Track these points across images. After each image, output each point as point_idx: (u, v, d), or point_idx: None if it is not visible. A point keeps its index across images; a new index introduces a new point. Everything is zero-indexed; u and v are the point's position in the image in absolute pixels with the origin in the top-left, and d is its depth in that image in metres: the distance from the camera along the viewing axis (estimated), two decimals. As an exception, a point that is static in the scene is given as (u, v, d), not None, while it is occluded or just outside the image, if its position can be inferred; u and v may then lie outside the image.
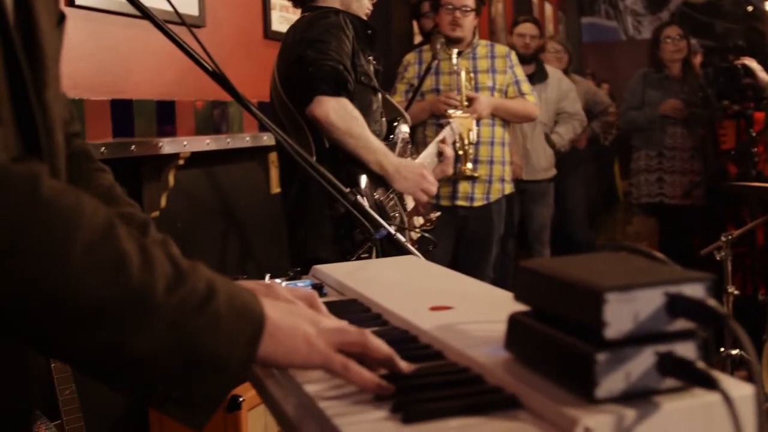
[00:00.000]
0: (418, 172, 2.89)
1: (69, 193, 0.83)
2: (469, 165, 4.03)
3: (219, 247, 3.82)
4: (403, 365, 1.03)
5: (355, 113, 2.79)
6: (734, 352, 3.78)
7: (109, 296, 0.82)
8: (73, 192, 0.84)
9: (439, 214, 3.21)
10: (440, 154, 3.27)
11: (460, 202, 4.16)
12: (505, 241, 5.81)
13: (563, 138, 6.00)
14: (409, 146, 3.17)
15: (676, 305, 0.88)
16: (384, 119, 3.08)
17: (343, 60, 2.75)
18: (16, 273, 0.79)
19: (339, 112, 2.73)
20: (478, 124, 4.09)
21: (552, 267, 0.98)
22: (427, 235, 1.92)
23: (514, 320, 1.03)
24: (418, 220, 3.12)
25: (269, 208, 3.93)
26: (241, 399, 2.85)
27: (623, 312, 0.86)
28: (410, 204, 3.10)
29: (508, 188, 4.37)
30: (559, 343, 0.92)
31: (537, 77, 5.82)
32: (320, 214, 2.79)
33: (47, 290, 0.80)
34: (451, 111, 3.85)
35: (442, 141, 3.28)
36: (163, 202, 3.21)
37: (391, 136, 3.08)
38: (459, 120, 3.74)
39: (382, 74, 3.21)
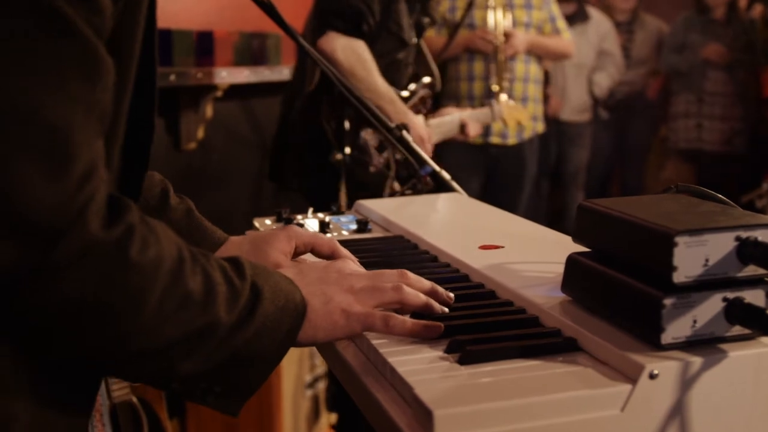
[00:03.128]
0: (417, 133, 2.81)
1: (152, 241, 0.82)
2: (503, 98, 3.88)
3: (254, 181, 3.81)
4: (438, 308, 1.02)
5: (365, 56, 2.75)
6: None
7: (175, 338, 0.83)
8: (155, 235, 0.83)
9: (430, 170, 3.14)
10: (463, 128, 3.23)
11: (493, 140, 4.08)
12: (539, 182, 5.76)
13: (602, 87, 5.91)
14: (427, 104, 3.09)
15: (747, 251, 0.85)
16: (409, 72, 3.03)
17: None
18: (96, 333, 0.80)
19: (346, 51, 2.72)
20: (512, 60, 4.01)
21: (616, 207, 0.95)
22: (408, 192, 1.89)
23: (572, 261, 1.00)
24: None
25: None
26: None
27: (693, 256, 0.84)
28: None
29: (540, 127, 4.27)
30: (623, 286, 0.90)
31: (578, 17, 5.69)
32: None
33: (120, 342, 0.82)
34: (503, 98, 3.74)
35: (465, 124, 3.25)
36: (201, 133, 3.19)
37: (409, 89, 3.00)
38: (509, 109, 3.60)
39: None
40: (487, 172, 4.17)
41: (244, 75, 3.32)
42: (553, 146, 5.77)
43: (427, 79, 3.07)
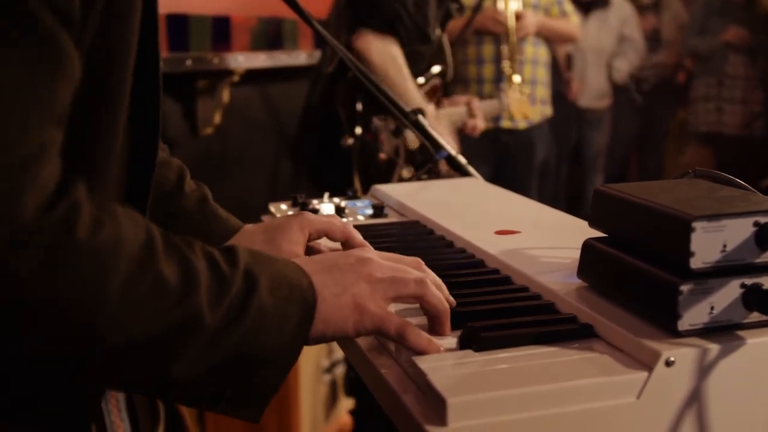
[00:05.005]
0: (438, 131, 2.84)
1: (107, 222, 0.75)
2: (517, 78, 3.89)
3: (272, 166, 3.81)
4: (449, 329, 0.94)
5: (399, 60, 2.75)
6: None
7: (151, 331, 0.76)
8: (111, 216, 0.76)
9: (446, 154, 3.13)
10: (470, 114, 3.21)
11: (504, 124, 4.04)
12: (559, 166, 5.73)
13: (621, 72, 5.87)
14: (438, 93, 3.09)
15: (765, 236, 0.83)
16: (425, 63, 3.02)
17: None
18: (54, 326, 0.73)
19: (381, 54, 2.71)
20: (522, 42, 3.98)
21: (633, 192, 0.94)
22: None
23: (588, 246, 0.99)
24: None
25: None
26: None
27: (711, 242, 0.82)
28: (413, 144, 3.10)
29: (548, 110, 4.23)
30: (639, 272, 0.89)
31: (599, 3, 5.66)
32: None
33: (87, 338, 0.74)
34: (517, 79, 3.71)
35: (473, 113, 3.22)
36: (218, 118, 3.19)
37: (421, 79, 3.00)
38: (518, 103, 3.58)
39: None
40: (497, 157, 4.15)
41: (260, 60, 3.32)
42: (573, 130, 5.75)
43: (437, 69, 3.05)
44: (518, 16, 3.94)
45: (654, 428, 0.80)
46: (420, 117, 1.89)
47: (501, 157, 4.17)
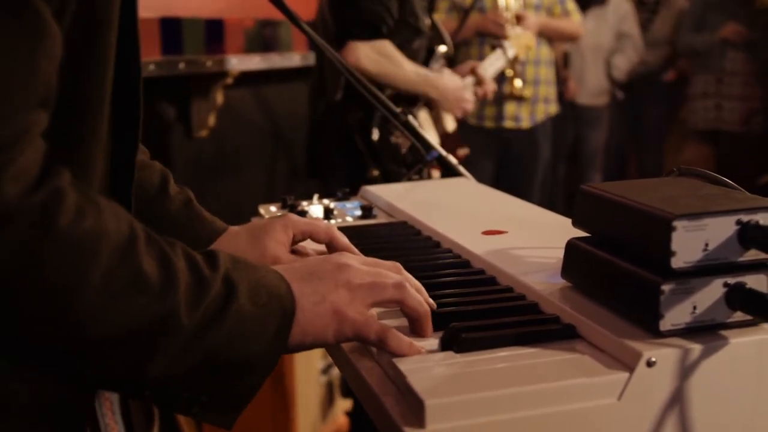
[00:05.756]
0: (458, 89, 2.98)
1: (90, 211, 0.74)
2: (518, 83, 3.93)
3: (267, 168, 3.80)
4: (430, 330, 0.93)
5: (389, 52, 2.76)
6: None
7: (127, 325, 0.75)
8: (95, 206, 0.75)
9: (467, 151, 3.15)
10: (478, 82, 3.21)
11: (506, 124, 4.05)
12: (556, 165, 5.72)
13: (621, 70, 5.87)
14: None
15: (748, 235, 0.83)
16: (423, 56, 3.03)
17: None
18: (30, 313, 0.72)
19: (370, 56, 2.73)
20: None
21: (615, 191, 0.93)
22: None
23: (572, 246, 0.98)
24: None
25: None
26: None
27: (692, 241, 0.82)
28: (450, 125, 3.11)
29: (553, 108, 4.23)
30: (621, 271, 0.88)
31: (596, 0, 5.65)
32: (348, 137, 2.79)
33: (62, 329, 0.74)
34: (510, 30, 3.72)
35: (478, 73, 3.23)
36: (212, 121, 3.18)
37: (434, 68, 3.03)
38: (516, 38, 3.61)
39: None
40: (500, 156, 4.15)
41: (254, 62, 3.31)
42: (570, 128, 5.74)
43: (443, 48, 3.07)
44: (519, 18, 3.94)
45: (636, 429, 0.79)
46: (410, 117, 1.88)
47: (505, 157, 4.16)
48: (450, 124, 3.17)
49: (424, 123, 3.07)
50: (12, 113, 0.69)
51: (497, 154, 4.14)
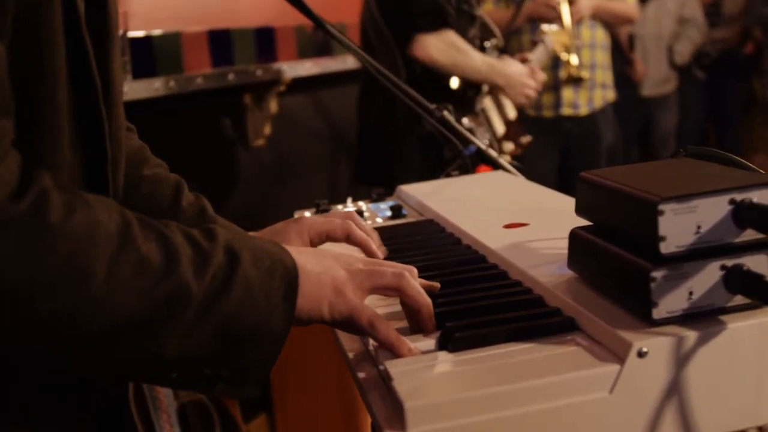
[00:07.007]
0: (523, 76, 3.01)
1: (78, 205, 0.75)
2: (574, 60, 3.84)
3: (330, 173, 3.81)
4: (432, 325, 0.92)
5: (458, 42, 2.77)
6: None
7: (138, 309, 0.76)
8: (82, 201, 0.76)
9: (530, 138, 3.11)
10: (531, 73, 3.17)
11: (565, 111, 3.96)
12: (629, 149, 5.61)
13: (683, 55, 5.72)
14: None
15: (743, 214, 0.79)
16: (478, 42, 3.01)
17: None
18: (43, 313, 0.73)
19: (440, 48, 2.73)
20: (578, 25, 3.88)
21: (612, 177, 0.90)
22: (515, 163, 1.83)
23: (574, 236, 0.96)
24: (508, 145, 3.05)
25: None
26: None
27: (682, 224, 0.78)
28: (511, 113, 3.08)
29: (611, 95, 4.12)
30: (615, 259, 0.85)
31: None
32: (406, 133, 2.75)
33: (77, 322, 0.74)
34: (545, 27, 3.65)
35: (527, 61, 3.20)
36: (268, 129, 3.20)
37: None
38: (553, 36, 3.55)
39: None
40: (561, 146, 4.07)
41: (306, 68, 3.32)
42: (639, 111, 5.62)
43: (492, 42, 3.05)
44: (571, 0, 3.85)
45: (631, 423, 0.76)
46: (445, 113, 1.86)
47: (566, 146, 4.09)
48: (511, 112, 3.15)
49: (489, 111, 3.05)
50: None
51: (559, 144, 4.06)
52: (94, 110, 0.92)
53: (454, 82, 2.86)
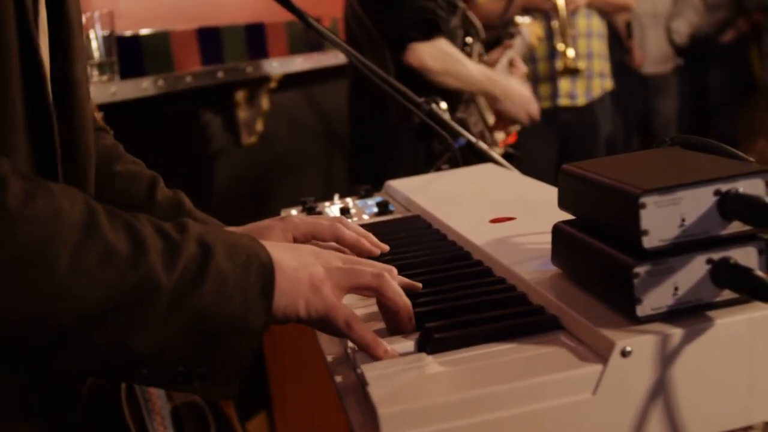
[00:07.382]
0: (526, 96, 2.96)
1: (40, 192, 0.73)
2: (571, 53, 3.80)
3: (324, 169, 3.79)
4: (411, 326, 0.90)
5: (450, 50, 2.72)
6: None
7: (105, 300, 0.73)
8: (44, 188, 0.74)
9: (518, 126, 3.08)
10: (511, 65, 3.14)
11: (562, 101, 3.93)
12: (629, 137, 5.57)
13: (681, 34, 5.68)
14: (483, 58, 3.06)
15: (728, 205, 0.75)
16: (461, 35, 2.97)
17: None
18: (1, 305, 0.70)
19: (434, 55, 2.68)
20: (573, 15, 3.85)
21: (594, 169, 0.87)
22: (511, 150, 1.80)
23: (557, 230, 0.93)
24: (500, 135, 3.02)
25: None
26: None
27: (666, 217, 0.75)
28: (491, 119, 3.04)
29: (609, 84, 4.09)
30: (597, 255, 0.82)
31: None
32: (398, 127, 2.72)
33: (38, 315, 0.71)
34: (519, 19, 3.61)
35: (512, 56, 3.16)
36: (260, 126, 3.18)
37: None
38: (528, 27, 3.51)
39: None
40: (560, 137, 4.03)
41: (296, 63, 3.30)
42: (639, 100, 5.59)
43: (469, 40, 3.01)
44: None
45: (615, 425, 0.73)
46: (434, 106, 1.83)
47: (564, 137, 4.06)
48: (489, 118, 3.11)
49: (479, 100, 3.02)
50: None
51: (557, 135, 4.03)
52: (43, 107, 0.89)
53: None
